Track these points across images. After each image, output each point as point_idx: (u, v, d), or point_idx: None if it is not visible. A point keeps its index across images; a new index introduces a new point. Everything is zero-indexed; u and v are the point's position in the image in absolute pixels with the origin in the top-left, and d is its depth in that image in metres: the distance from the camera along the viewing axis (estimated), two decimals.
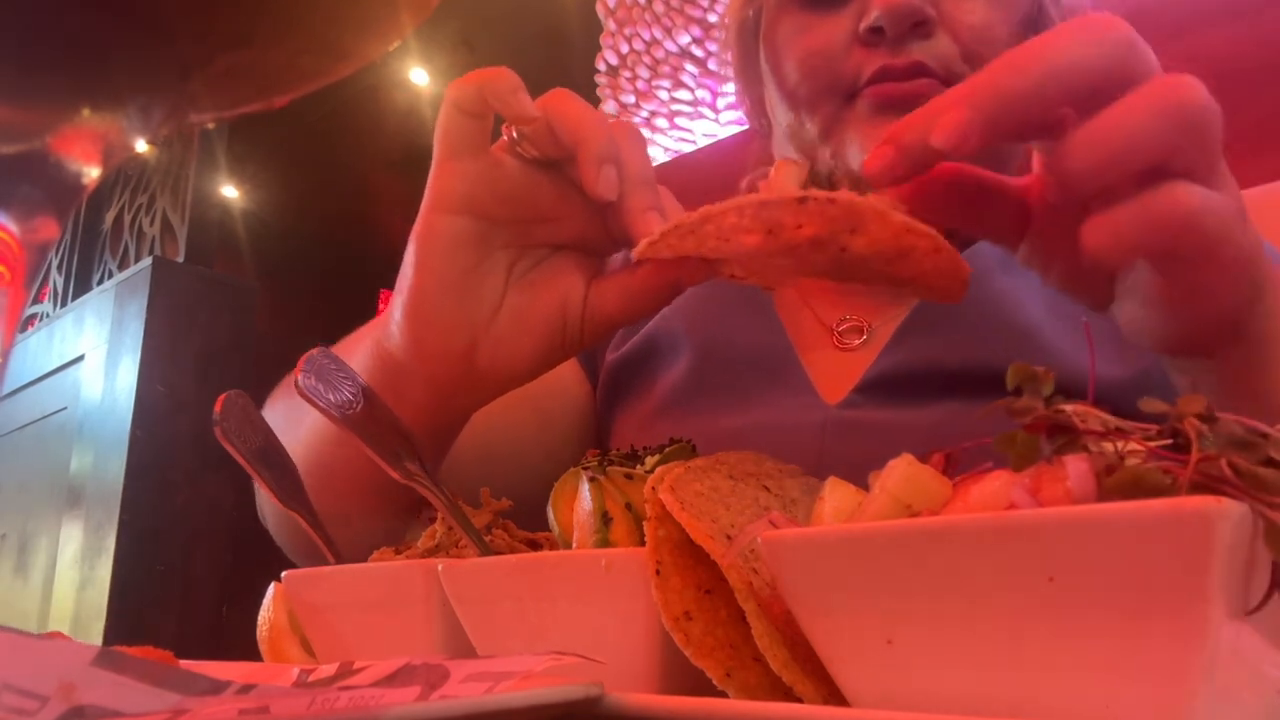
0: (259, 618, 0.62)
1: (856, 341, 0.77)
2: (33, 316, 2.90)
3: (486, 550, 0.49)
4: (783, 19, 0.78)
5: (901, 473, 0.33)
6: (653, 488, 0.39)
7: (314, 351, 0.48)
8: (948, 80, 0.71)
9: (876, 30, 0.70)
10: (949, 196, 0.46)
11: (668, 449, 0.48)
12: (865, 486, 0.35)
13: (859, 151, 0.71)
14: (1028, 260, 0.49)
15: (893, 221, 0.41)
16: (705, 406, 0.77)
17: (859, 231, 0.41)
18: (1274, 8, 1.31)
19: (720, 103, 2.11)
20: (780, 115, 0.80)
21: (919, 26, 0.70)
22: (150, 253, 2.55)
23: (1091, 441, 0.30)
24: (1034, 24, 0.77)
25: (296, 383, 0.47)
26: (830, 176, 0.74)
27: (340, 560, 0.57)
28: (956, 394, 0.67)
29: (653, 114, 2.16)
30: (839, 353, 0.77)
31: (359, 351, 0.63)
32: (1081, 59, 0.40)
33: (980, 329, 0.70)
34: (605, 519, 0.44)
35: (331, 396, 0.48)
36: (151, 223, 2.64)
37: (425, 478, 0.50)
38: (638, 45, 2.14)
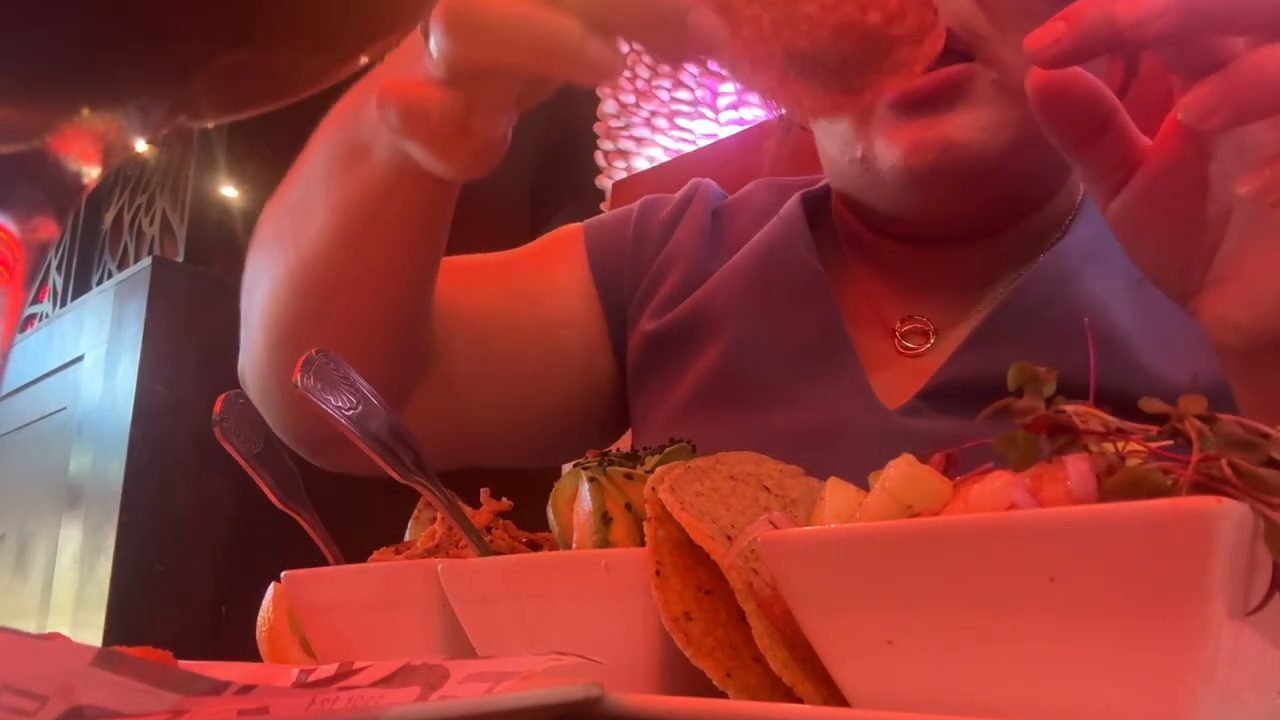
0: (259, 618, 0.62)
1: (924, 346, 0.71)
2: (32, 316, 2.90)
3: (486, 550, 0.49)
4: None
5: (901, 473, 0.33)
6: (653, 488, 0.38)
7: (312, 352, 0.48)
8: (968, 47, 0.64)
9: None
10: (1076, 106, 0.45)
11: (668, 449, 0.48)
12: None
13: (888, 151, 0.65)
14: (1118, 219, 0.47)
15: None
16: (749, 398, 0.72)
17: None
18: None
19: (720, 102, 2.11)
20: None
21: None
22: (150, 253, 2.55)
23: (1092, 442, 0.30)
24: None
25: (296, 383, 0.47)
26: None
27: (340, 560, 0.57)
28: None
29: (653, 114, 2.16)
30: (900, 356, 0.71)
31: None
32: None
33: (1064, 338, 0.63)
34: (605, 519, 0.44)
35: (330, 397, 0.48)
36: (151, 223, 2.64)
37: (425, 477, 0.50)
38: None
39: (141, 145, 0.23)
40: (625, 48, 0.49)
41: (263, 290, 0.69)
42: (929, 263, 0.73)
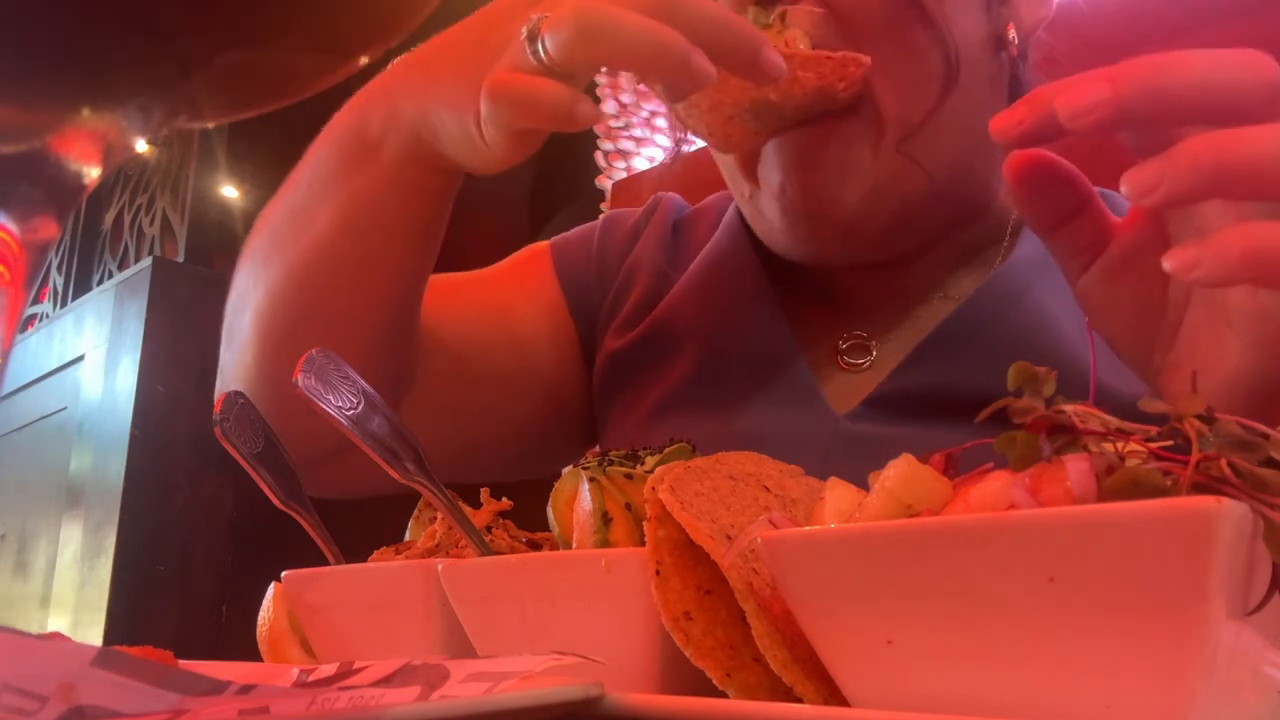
0: (259, 618, 0.62)
1: (866, 360, 0.73)
2: (33, 316, 2.90)
3: (486, 550, 0.49)
4: None
5: (901, 473, 0.33)
6: (653, 488, 0.38)
7: (313, 352, 0.48)
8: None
9: None
10: (1049, 186, 0.47)
11: (668, 449, 0.48)
12: None
13: (764, 201, 0.69)
14: (1086, 295, 0.49)
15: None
16: (709, 407, 0.74)
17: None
18: (1274, 7, 1.30)
19: None
20: None
21: None
22: (150, 253, 2.55)
23: (1092, 442, 0.30)
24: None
25: (296, 383, 0.47)
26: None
27: (340, 560, 0.57)
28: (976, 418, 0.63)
29: (653, 114, 2.16)
30: (843, 371, 0.74)
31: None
32: (1239, 83, 0.39)
33: (1013, 352, 0.61)
34: (605, 519, 0.44)
35: (331, 397, 0.48)
36: (151, 223, 2.64)
37: (425, 477, 0.50)
38: None
39: (142, 145, 0.23)
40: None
41: (258, 295, 0.70)
42: (859, 282, 0.75)
